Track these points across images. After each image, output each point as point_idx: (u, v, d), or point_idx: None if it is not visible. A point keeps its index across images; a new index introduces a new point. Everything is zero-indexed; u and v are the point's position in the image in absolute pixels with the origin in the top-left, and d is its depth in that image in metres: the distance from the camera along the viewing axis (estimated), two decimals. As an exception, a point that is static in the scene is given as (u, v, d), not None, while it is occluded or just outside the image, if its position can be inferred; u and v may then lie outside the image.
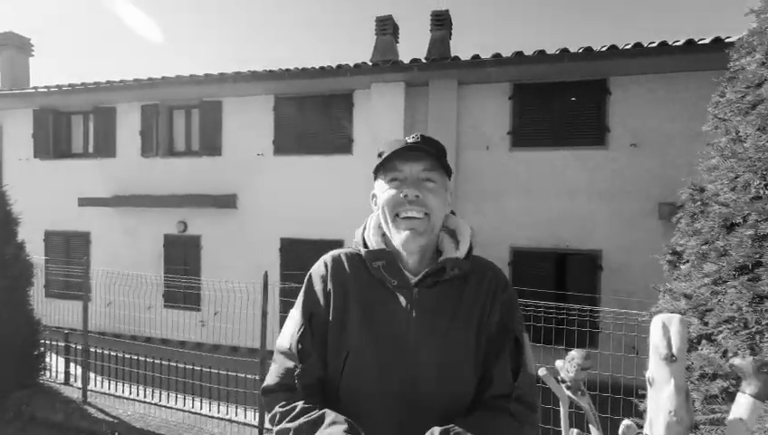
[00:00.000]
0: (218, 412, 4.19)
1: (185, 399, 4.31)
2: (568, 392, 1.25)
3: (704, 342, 1.42)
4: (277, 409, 0.88)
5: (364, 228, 1.02)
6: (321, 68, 6.58)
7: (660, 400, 1.03)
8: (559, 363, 1.30)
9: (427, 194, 0.92)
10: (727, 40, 5.35)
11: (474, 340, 0.90)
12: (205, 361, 4.61)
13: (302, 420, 0.83)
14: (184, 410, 4.27)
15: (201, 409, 4.29)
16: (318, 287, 0.96)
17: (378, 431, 0.84)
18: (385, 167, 0.95)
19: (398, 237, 0.91)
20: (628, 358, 4.29)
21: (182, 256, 7.93)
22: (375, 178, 1.00)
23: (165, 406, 4.36)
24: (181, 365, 4.37)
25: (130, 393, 4.56)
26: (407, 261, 0.94)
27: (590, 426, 1.24)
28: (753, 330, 1.24)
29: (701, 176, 1.84)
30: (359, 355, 0.88)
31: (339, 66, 6.51)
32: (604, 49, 5.72)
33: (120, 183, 8.21)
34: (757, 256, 1.31)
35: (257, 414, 3.96)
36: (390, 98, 6.73)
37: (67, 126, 8.59)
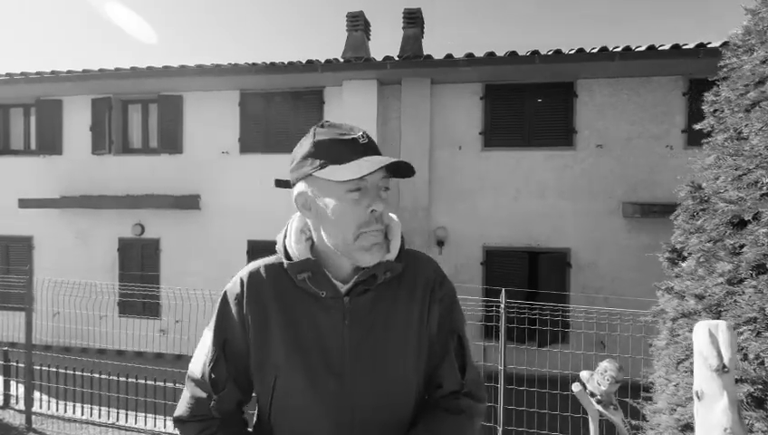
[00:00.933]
0: (184, 431, 3.87)
1: (145, 418, 3.95)
2: (598, 407, 1.17)
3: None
4: None
5: (285, 235, 0.90)
6: (290, 63, 6.32)
7: (712, 416, 0.95)
8: (585, 375, 1.21)
9: (386, 206, 0.83)
10: (684, 47, 5.63)
11: (414, 343, 0.87)
12: (165, 374, 4.25)
13: None
14: (144, 432, 3.91)
15: (164, 428, 3.94)
16: (233, 309, 0.87)
17: None
18: (338, 164, 0.79)
19: (365, 258, 0.81)
20: (598, 355, 4.37)
21: (139, 261, 7.38)
22: (306, 175, 0.83)
23: (122, 427, 3.97)
24: (141, 381, 4.00)
25: (82, 414, 4.13)
26: (336, 269, 0.86)
27: (621, 440, 1.16)
28: (777, 331, 1.20)
29: (699, 174, 1.83)
30: (288, 378, 0.83)
31: (309, 62, 6.28)
32: (572, 52, 5.86)
33: (67, 182, 7.52)
34: (774, 254, 1.27)
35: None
36: (362, 96, 6.58)
37: (4, 120, 7.78)
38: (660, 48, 5.67)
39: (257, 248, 7.01)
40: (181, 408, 0.87)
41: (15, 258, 7.65)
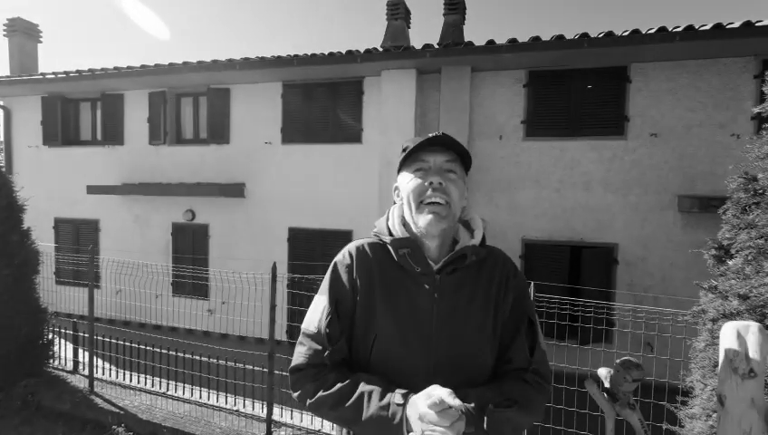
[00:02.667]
0: (226, 404, 4.13)
1: (191, 390, 4.26)
2: (617, 407, 1.12)
3: None
4: (309, 384, 0.96)
5: (387, 218, 1.07)
6: (330, 54, 6.40)
7: (733, 422, 0.89)
8: (602, 372, 1.17)
9: (449, 184, 0.99)
10: (758, 24, 5.08)
11: (491, 321, 0.99)
12: (212, 351, 4.55)
13: (338, 386, 0.92)
14: (190, 402, 4.22)
15: (208, 400, 4.23)
16: (344, 276, 1.01)
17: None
18: (410, 158, 1.02)
19: (422, 220, 0.97)
20: (646, 357, 4.14)
21: (190, 245, 7.89)
22: (399, 171, 1.07)
23: (171, 397, 4.31)
24: (188, 356, 4.31)
25: (137, 383, 4.52)
26: (429, 249, 1.01)
27: (639, 440, 1.11)
28: (828, 336, 1.09)
29: (751, 164, 1.67)
30: (386, 337, 0.96)
31: (348, 52, 6.33)
32: (626, 34, 5.47)
33: (128, 171, 8.16)
34: (831, 252, 1.15)
35: (265, 407, 3.89)
36: (401, 85, 6.54)
37: (75, 113, 8.53)
38: (729, 27, 5.15)
39: (298, 235, 7.25)
40: (298, 359, 1.01)
41: (84, 239, 8.43)
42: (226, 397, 4.17)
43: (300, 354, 1.00)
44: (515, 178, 6.46)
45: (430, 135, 1.01)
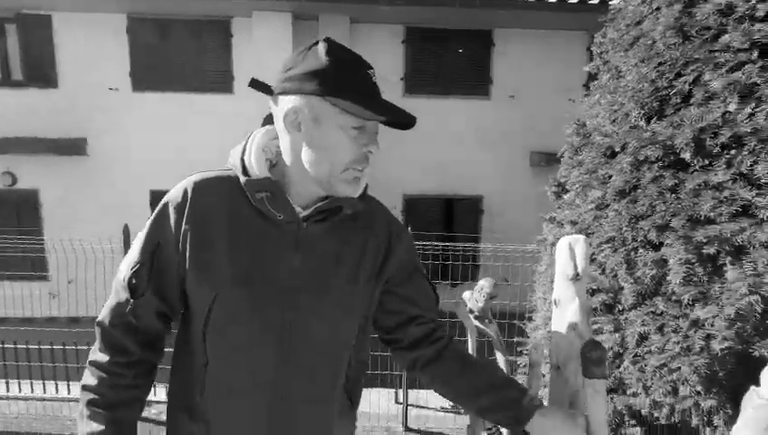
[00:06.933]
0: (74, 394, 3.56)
1: (32, 385, 3.55)
2: (476, 322, 1.24)
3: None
4: (99, 372, 0.82)
5: (243, 150, 0.84)
6: (189, -16, 5.50)
7: (565, 318, 1.03)
8: (467, 295, 1.27)
9: (378, 149, 0.84)
10: (590, 2, 5.93)
11: (362, 286, 0.87)
12: (57, 337, 3.82)
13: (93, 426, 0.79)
14: (34, 399, 3.53)
15: (57, 392, 3.59)
16: (172, 218, 0.82)
17: (244, 380, 0.82)
18: (348, 99, 0.76)
19: (344, 187, 0.81)
20: (503, 288, 4.78)
21: (14, 218, 6.34)
22: (303, 94, 0.77)
23: (13, 397, 3.54)
24: (27, 346, 3.55)
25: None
26: (296, 194, 0.83)
27: (497, 352, 1.25)
28: (630, 247, 1.34)
29: (584, 112, 1.94)
30: (230, 298, 0.80)
31: (211, -16, 5.52)
32: (488, -4, 5.87)
33: None
34: (635, 180, 1.41)
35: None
36: (275, 30, 6.01)
37: None
38: (569, 2, 5.90)
39: (161, 199, 6.38)
40: (103, 312, 0.85)
41: None
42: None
43: (105, 306, 0.85)
44: (395, 135, 6.60)
45: (371, 74, 0.81)
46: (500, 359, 1.23)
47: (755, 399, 0.65)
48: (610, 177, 1.56)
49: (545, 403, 0.99)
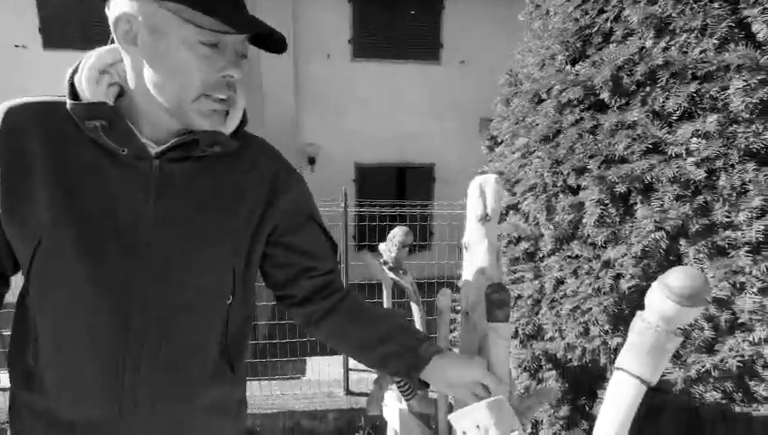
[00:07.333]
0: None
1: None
2: (391, 274, 1.17)
3: (511, 212, 1.49)
4: None
5: (75, 71, 0.68)
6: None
7: (474, 262, 0.98)
8: (382, 246, 1.20)
9: (242, 76, 0.69)
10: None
11: (236, 236, 0.75)
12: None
13: None
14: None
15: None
16: None
17: (81, 347, 0.68)
18: (189, 11, 0.60)
19: (199, 122, 0.67)
20: (458, 262, 4.86)
21: None
22: None
23: None
24: None
25: None
26: (149, 126, 0.69)
27: (412, 304, 1.19)
28: (551, 193, 1.31)
29: (516, 62, 1.88)
30: (57, 246, 0.66)
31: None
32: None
33: None
34: (557, 124, 1.36)
35: None
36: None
37: None
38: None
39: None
40: None
41: None
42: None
43: None
44: (346, 101, 6.40)
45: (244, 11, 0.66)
46: (415, 312, 1.18)
47: (639, 323, 0.62)
48: (537, 125, 1.52)
49: (456, 350, 0.94)
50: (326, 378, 2.65)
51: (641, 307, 0.69)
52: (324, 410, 2.34)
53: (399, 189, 6.85)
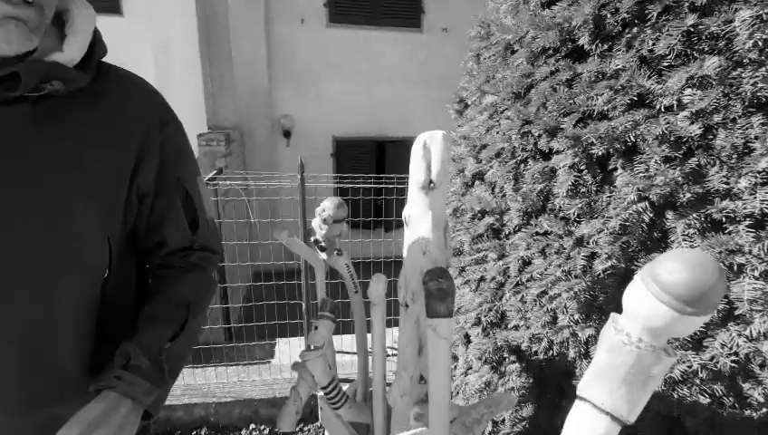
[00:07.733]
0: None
1: None
2: (323, 255, 0.97)
3: (477, 182, 1.30)
4: None
5: None
6: None
7: (416, 238, 0.78)
8: (314, 222, 0.99)
9: None
10: None
11: (97, 199, 0.61)
12: None
13: None
14: None
15: None
16: None
17: None
18: None
19: None
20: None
21: None
22: None
23: None
24: None
25: None
26: None
27: (349, 293, 1.00)
28: (519, 158, 1.11)
29: (487, 14, 1.64)
30: None
31: None
32: None
33: None
34: (529, 79, 1.15)
35: None
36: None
37: None
38: None
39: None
40: None
41: None
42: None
43: None
44: (321, 70, 6.04)
45: None
46: (353, 301, 0.99)
47: (612, 334, 0.41)
48: (507, 80, 1.31)
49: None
50: (286, 363, 2.49)
51: (618, 300, 0.49)
52: (284, 398, 2.19)
53: (379, 163, 6.60)
